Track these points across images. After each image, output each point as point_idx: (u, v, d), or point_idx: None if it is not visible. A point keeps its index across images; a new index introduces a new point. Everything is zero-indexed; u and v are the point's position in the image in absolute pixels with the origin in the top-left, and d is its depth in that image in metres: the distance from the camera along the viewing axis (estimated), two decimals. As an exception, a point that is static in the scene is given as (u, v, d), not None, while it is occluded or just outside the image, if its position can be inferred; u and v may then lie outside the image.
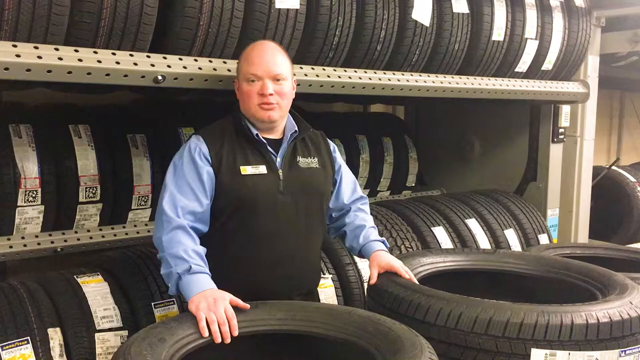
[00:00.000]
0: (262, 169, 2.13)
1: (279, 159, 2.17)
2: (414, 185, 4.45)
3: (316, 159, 2.25)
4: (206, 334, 1.73)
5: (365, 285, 2.95)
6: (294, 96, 2.24)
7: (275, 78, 2.12)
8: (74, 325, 2.22)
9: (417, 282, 2.14)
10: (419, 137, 4.69)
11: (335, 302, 2.83)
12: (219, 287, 2.05)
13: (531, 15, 3.32)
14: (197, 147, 2.11)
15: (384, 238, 2.34)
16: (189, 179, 2.07)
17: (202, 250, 2.03)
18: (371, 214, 3.32)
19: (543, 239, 3.85)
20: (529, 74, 3.52)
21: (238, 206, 2.10)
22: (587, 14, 3.66)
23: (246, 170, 2.11)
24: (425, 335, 1.80)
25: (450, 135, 4.66)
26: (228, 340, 1.75)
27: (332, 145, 2.39)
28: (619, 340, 1.77)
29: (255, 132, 2.16)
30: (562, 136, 4.07)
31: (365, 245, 2.27)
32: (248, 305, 1.87)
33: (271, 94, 2.10)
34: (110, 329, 2.27)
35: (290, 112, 2.28)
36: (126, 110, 3.26)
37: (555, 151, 4.09)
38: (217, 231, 2.14)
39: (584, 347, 1.74)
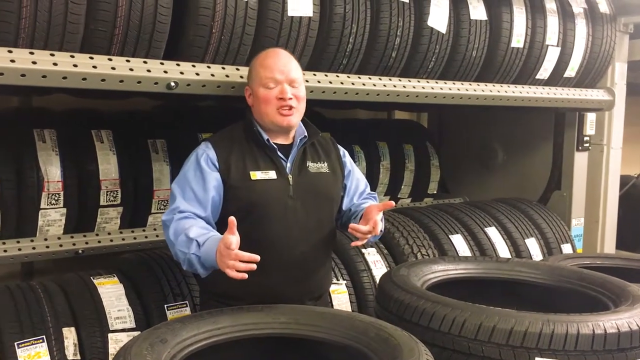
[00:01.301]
0: (272, 174, 2.15)
1: (289, 164, 2.18)
2: (435, 192, 4.42)
3: (326, 164, 2.26)
4: (245, 275, 1.81)
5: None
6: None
7: (292, 82, 2.15)
8: (88, 325, 2.28)
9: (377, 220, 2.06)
10: (442, 144, 4.67)
11: (349, 309, 2.83)
12: (231, 291, 2.11)
13: (552, 22, 3.28)
14: (204, 153, 2.13)
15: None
16: (194, 185, 2.09)
17: (205, 224, 2.03)
18: (388, 220, 3.36)
19: (566, 248, 3.79)
20: (551, 81, 3.47)
21: (248, 211, 2.12)
22: (612, 21, 3.60)
23: (256, 175, 2.12)
24: (429, 341, 1.79)
25: (474, 142, 4.62)
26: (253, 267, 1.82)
27: (341, 150, 2.40)
28: (627, 351, 1.74)
29: (266, 137, 2.18)
30: (587, 144, 4.00)
31: (359, 206, 2.27)
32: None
33: (290, 98, 2.13)
34: (123, 330, 2.32)
35: None
36: (147, 116, 3.33)
37: (580, 160, 4.03)
38: None
39: (589, 357, 1.71)
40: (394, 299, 2.00)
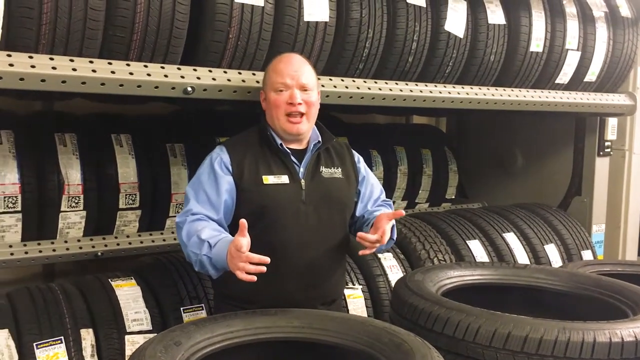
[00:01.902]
0: (285, 179, 2.15)
1: (302, 169, 2.19)
2: (453, 197, 4.40)
3: (340, 169, 2.26)
4: (254, 278, 1.84)
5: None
6: (318, 107, 2.27)
7: (303, 88, 2.15)
8: (106, 326, 2.31)
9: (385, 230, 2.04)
10: (461, 149, 4.64)
11: (365, 313, 2.83)
12: (243, 294, 2.13)
13: (572, 26, 3.25)
14: (218, 157, 2.16)
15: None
16: (207, 188, 2.12)
17: (217, 227, 2.05)
18: (405, 225, 3.35)
19: (587, 255, 3.74)
20: (571, 86, 3.44)
21: (260, 215, 2.12)
22: (633, 25, 3.55)
23: (268, 179, 2.13)
24: (443, 347, 1.78)
25: (493, 147, 4.59)
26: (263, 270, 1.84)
27: (356, 155, 2.39)
28: (644, 360, 1.71)
29: (279, 141, 2.19)
30: (608, 149, 3.95)
31: (372, 214, 2.25)
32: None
33: (299, 103, 2.13)
34: (140, 332, 2.35)
35: (315, 122, 2.29)
36: (165, 121, 3.37)
37: (601, 165, 3.97)
38: None
39: (606, 366, 1.69)
40: (408, 305, 1.99)
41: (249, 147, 2.20)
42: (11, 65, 1.84)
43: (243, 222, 1.86)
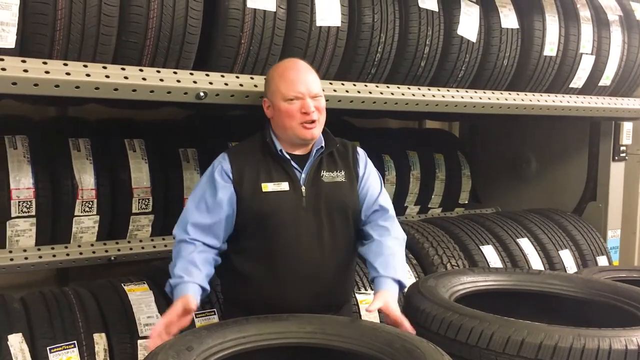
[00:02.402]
0: (285, 186, 2.14)
1: (303, 175, 2.17)
2: (466, 202, 4.37)
3: (343, 172, 2.22)
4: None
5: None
6: None
7: (314, 96, 2.15)
8: (119, 331, 2.31)
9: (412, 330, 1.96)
10: (474, 154, 4.61)
11: (377, 319, 2.81)
12: (249, 302, 2.14)
13: (586, 30, 3.22)
14: (219, 165, 2.17)
15: (400, 275, 2.11)
16: (207, 196, 2.14)
17: (200, 257, 2.09)
18: (418, 230, 3.33)
19: (602, 260, 3.69)
20: (585, 90, 3.41)
21: (260, 223, 2.12)
22: (649, 28, 3.52)
23: (267, 187, 2.13)
24: (456, 354, 1.77)
25: (507, 152, 4.56)
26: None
27: (360, 157, 2.31)
28: (662, 368, 1.68)
29: (279, 147, 2.17)
30: (623, 154, 3.90)
31: (375, 279, 2.12)
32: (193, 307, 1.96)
33: (313, 111, 2.12)
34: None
35: None
36: (178, 125, 3.38)
37: (616, 170, 3.93)
38: (240, 249, 2.18)
39: (622, 374, 1.66)
40: (420, 310, 1.98)
41: (250, 155, 2.20)
42: (26, 71, 1.86)
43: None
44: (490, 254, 3.30)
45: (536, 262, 3.42)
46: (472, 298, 2.29)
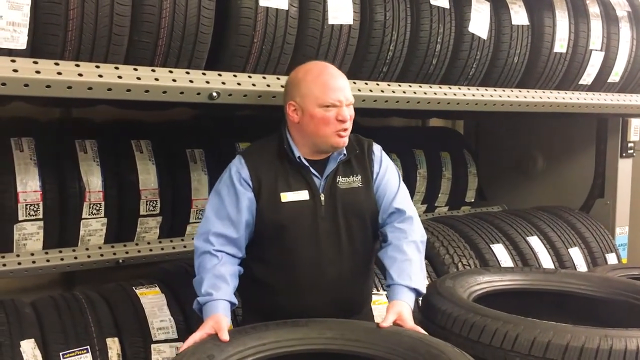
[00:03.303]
0: (304, 195, 2.08)
1: (322, 182, 2.10)
2: (473, 200, 4.35)
3: (359, 177, 2.14)
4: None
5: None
6: None
7: (349, 104, 2.08)
8: (132, 335, 2.28)
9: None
10: (479, 152, 4.60)
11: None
12: (268, 310, 2.10)
13: (596, 26, 3.19)
14: (237, 172, 2.09)
15: (417, 283, 2.01)
16: (227, 205, 2.06)
17: (226, 269, 2.01)
18: (427, 230, 3.28)
19: (611, 258, 3.68)
20: (594, 87, 3.38)
21: (278, 233, 2.06)
22: (657, 24, 3.49)
23: (286, 197, 2.06)
24: (479, 356, 1.74)
25: (512, 149, 4.54)
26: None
27: (375, 156, 2.22)
28: (690, 368, 1.66)
29: (297, 154, 2.09)
30: (631, 151, 3.89)
31: (390, 287, 2.05)
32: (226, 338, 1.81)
33: (348, 119, 2.05)
34: (166, 340, 2.32)
35: None
36: (185, 126, 3.35)
37: (624, 166, 3.92)
38: (258, 257, 2.13)
39: (650, 375, 1.64)
40: (441, 312, 1.95)
41: (267, 161, 2.11)
42: (38, 72, 1.82)
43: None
44: (501, 253, 3.28)
45: (546, 260, 3.40)
46: (489, 298, 2.27)
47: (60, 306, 2.31)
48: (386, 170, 2.20)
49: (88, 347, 2.19)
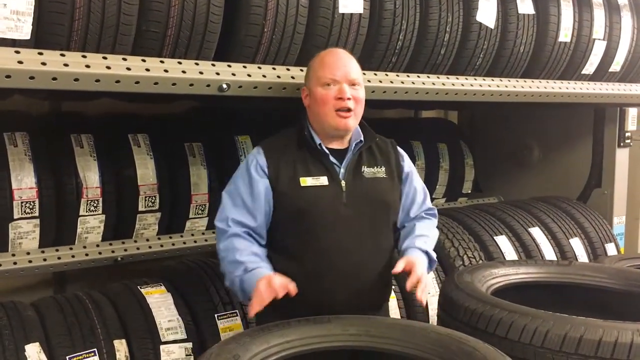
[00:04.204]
0: (324, 180, 2.05)
1: (342, 170, 2.08)
2: (469, 192, 4.33)
3: (383, 169, 2.14)
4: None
5: (429, 296, 2.87)
6: None
7: (352, 83, 2.05)
8: (140, 336, 2.21)
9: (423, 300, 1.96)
10: (473, 142, 4.56)
11: (398, 314, 2.75)
12: (285, 303, 2.00)
13: (599, 15, 3.18)
14: (254, 160, 2.08)
15: (428, 250, 2.12)
16: (243, 193, 2.05)
17: (261, 250, 2.02)
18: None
19: (610, 248, 3.68)
20: (595, 76, 3.37)
21: (299, 219, 2.03)
22: (656, 13, 3.49)
23: (306, 181, 2.04)
24: (507, 353, 1.69)
25: (507, 139, 4.51)
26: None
27: (402, 154, 2.26)
28: None
29: (318, 141, 2.09)
30: (628, 140, 3.89)
31: (405, 251, 2.12)
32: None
33: (349, 98, 2.03)
34: (175, 341, 2.25)
35: None
36: (183, 119, 3.26)
37: (622, 156, 3.92)
38: (278, 245, 2.09)
39: (684, 369, 1.62)
40: (464, 307, 1.91)
41: (286, 148, 2.10)
42: (44, 64, 1.73)
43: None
44: (505, 245, 3.26)
45: (548, 251, 3.39)
46: (505, 292, 2.23)
47: (64, 308, 2.22)
48: (414, 173, 2.26)
49: (95, 349, 2.10)
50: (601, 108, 3.89)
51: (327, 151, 2.09)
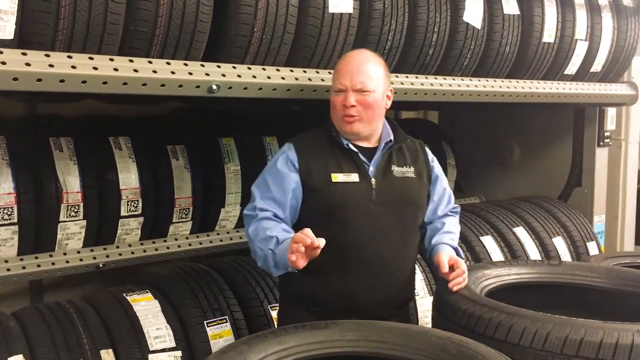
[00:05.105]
0: (354, 177, 2.08)
1: (372, 168, 2.11)
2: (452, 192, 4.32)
3: (412, 168, 2.18)
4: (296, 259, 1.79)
5: (418, 298, 2.85)
6: (387, 106, 2.18)
7: (359, 89, 2.05)
8: (127, 346, 2.15)
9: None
10: (454, 143, 4.56)
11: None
12: (313, 294, 2.09)
13: (581, 16, 3.20)
14: (284, 154, 2.10)
15: (456, 246, 2.23)
16: (271, 186, 2.06)
17: (287, 227, 2.02)
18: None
19: (592, 246, 3.71)
20: (577, 77, 3.40)
21: (329, 214, 2.05)
22: (635, 13, 3.54)
23: (337, 177, 2.06)
24: (508, 356, 1.68)
25: (488, 140, 4.53)
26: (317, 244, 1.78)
27: (430, 155, 2.31)
28: None
29: (345, 142, 2.11)
30: (607, 140, 3.93)
31: (437, 245, 2.19)
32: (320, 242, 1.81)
33: (353, 106, 2.05)
34: (163, 350, 2.19)
35: (387, 119, 2.23)
36: (164, 121, 3.18)
37: (601, 155, 3.96)
38: None
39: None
40: (461, 310, 1.89)
41: (316, 145, 2.13)
42: (28, 64, 1.66)
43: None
44: (490, 245, 3.26)
45: (532, 251, 3.40)
46: (498, 293, 2.22)
47: (47, 317, 2.15)
48: (440, 175, 2.31)
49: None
50: (581, 108, 3.92)
51: (356, 150, 2.11)
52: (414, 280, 2.29)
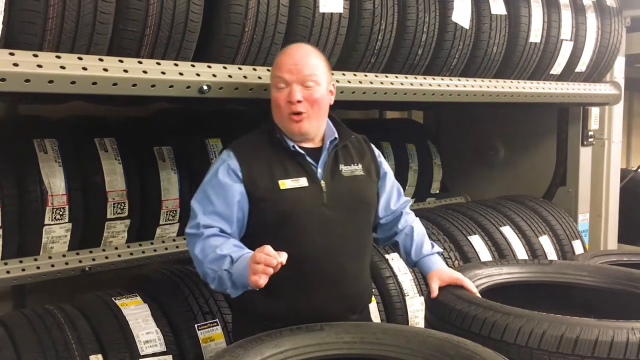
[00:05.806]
0: (303, 182, 1.95)
1: (319, 170, 1.99)
2: (437, 192, 4.34)
3: (360, 166, 2.07)
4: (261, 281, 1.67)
5: (408, 298, 2.85)
6: (331, 102, 2.06)
7: (305, 83, 1.92)
8: (117, 351, 2.10)
9: (480, 296, 2.03)
10: (439, 143, 4.58)
11: (379, 317, 2.72)
12: (272, 311, 1.95)
13: (566, 16, 3.23)
14: (225, 164, 1.94)
15: (437, 248, 2.21)
16: (214, 200, 1.91)
17: (238, 242, 1.88)
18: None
19: (576, 245, 3.75)
20: (562, 77, 3.43)
21: (280, 223, 1.92)
22: (618, 14, 3.58)
23: (285, 184, 1.93)
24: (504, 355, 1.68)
25: (473, 139, 4.55)
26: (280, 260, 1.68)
27: (376, 150, 2.21)
28: None
29: (291, 143, 1.98)
30: (591, 139, 3.98)
31: (421, 260, 2.15)
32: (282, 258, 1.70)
33: (299, 101, 1.91)
34: (154, 354, 2.15)
35: (330, 117, 2.12)
36: (150, 122, 3.14)
37: (585, 155, 4.00)
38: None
39: (679, 366, 1.64)
40: (456, 310, 1.89)
41: (259, 150, 1.98)
42: (15, 65, 1.62)
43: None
44: (478, 244, 3.27)
45: (520, 250, 3.42)
46: (490, 293, 2.23)
47: (34, 323, 2.09)
48: (388, 169, 2.22)
49: (70, 366, 1.99)
50: (565, 108, 3.96)
51: (302, 152, 1.98)
52: (371, 282, 2.20)
